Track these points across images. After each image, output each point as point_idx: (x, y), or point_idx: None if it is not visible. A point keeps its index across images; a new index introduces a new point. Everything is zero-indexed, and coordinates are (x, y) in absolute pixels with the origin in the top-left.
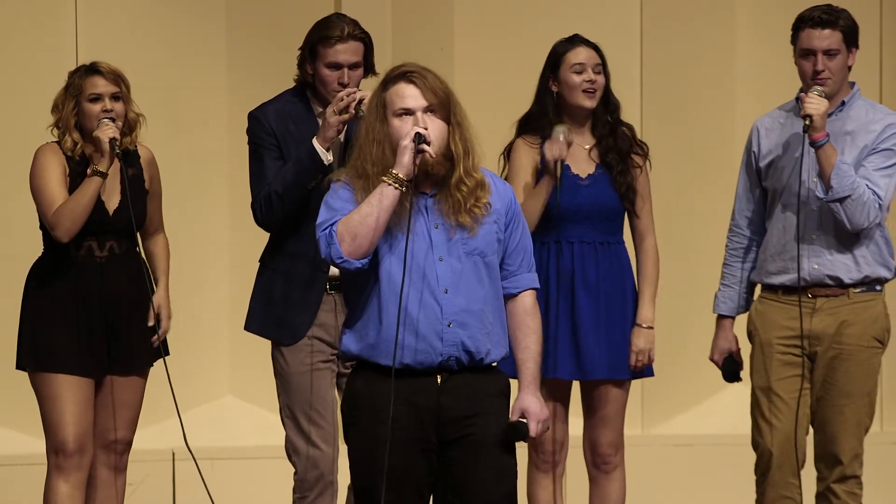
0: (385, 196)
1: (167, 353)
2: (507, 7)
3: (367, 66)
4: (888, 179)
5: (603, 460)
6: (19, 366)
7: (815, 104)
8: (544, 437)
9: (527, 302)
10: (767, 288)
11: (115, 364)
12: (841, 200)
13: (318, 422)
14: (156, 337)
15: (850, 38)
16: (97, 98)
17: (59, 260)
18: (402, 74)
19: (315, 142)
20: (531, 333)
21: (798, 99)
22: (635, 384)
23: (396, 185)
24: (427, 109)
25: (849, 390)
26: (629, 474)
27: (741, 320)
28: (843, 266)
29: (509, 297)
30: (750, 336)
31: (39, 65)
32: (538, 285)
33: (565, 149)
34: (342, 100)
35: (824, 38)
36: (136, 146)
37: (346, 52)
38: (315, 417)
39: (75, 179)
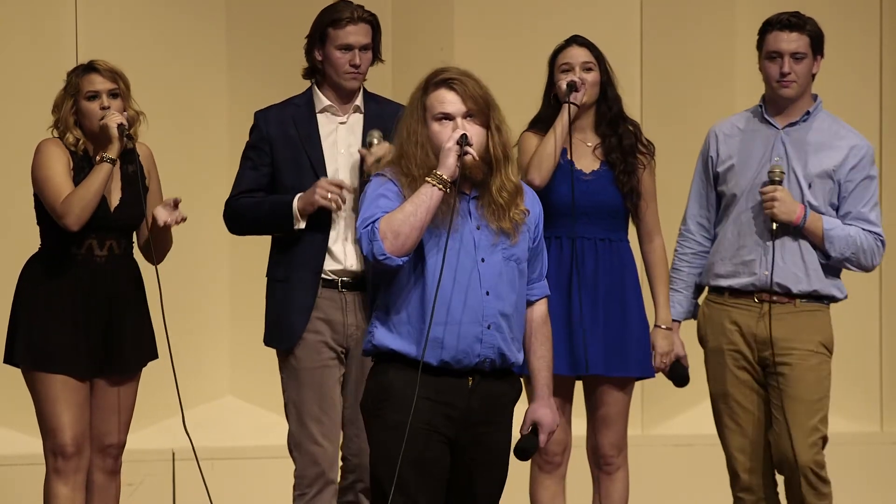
0: (429, 196)
1: (155, 357)
2: (507, 7)
3: (375, 50)
4: (875, 211)
5: (605, 461)
6: (10, 361)
7: (775, 207)
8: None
9: (542, 310)
10: (714, 290)
11: (109, 366)
12: (846, 260)
13: (321, 418)
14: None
15: (817, 44)
16: (94, 95)
17: (57, 256)
18: (443, 80)
19: (296, 202)
20: (546, 341)
21: (762, 105)
22: (636, 384)
23: (440, 186)
24: (466, 115)
25: (801, 396)
26: (629, 474)
27: (687, 325)
28: (793, 276)
29: (528, 303)
30: (701, 342)
31: (39, 65)
32: (549, 292)
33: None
34: (327, 197)
35: (792, 40)
36: (135, 144)
37: (356, 33)
38: (319, 414)
39: (78, 174)
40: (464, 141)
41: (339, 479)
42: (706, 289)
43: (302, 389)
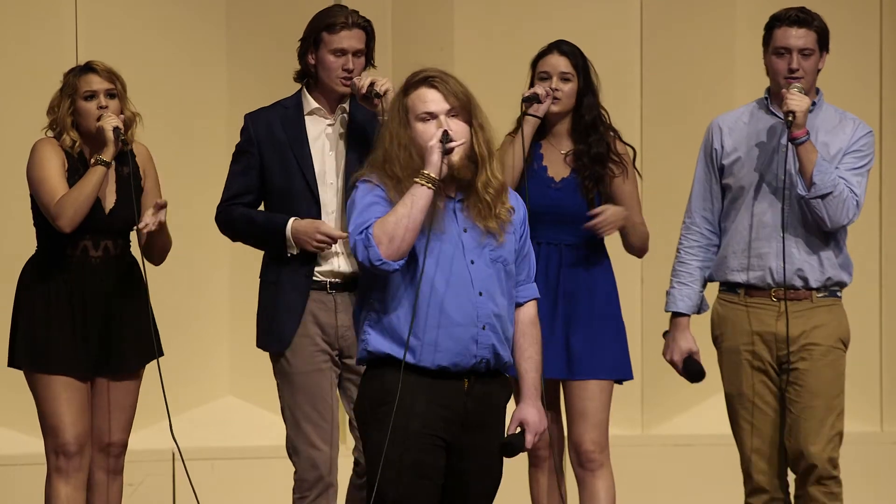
0: (419, 196)
1: (161, 354)
2: (507, 7)
3: (368, 56)
4: (861, 178)
5: (587, 458)
6: (12, 364)
7: (798, 101)
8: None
9: (531, 312)
10: (728, 287)
11: (108, 365)
12: (823, 197)
13: (317, 422)
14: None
15: (823, 40)
16: (92, 95)
17: (53, 258)
18: (423, 79)
19: (290, 230)
20: (534, 343)
21: (767, 98)
22: (635, 384)
23: (429, 185)
24: (449, 113)
25: (819, 391)
26: (629, 474)
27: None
28: (808, 266)
29: (516, 306)
30: (715, 341)
31: (39, 65)
32: (539, 295)
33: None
34: (323, 250)
35: (800, 36)
36: (131, 145)
37: (350, 38)
38: (315, 418)
39: (73, 176)
40: (445, 139)
41: (348, 479)
42: (718, 285)
43: (296, 394)
